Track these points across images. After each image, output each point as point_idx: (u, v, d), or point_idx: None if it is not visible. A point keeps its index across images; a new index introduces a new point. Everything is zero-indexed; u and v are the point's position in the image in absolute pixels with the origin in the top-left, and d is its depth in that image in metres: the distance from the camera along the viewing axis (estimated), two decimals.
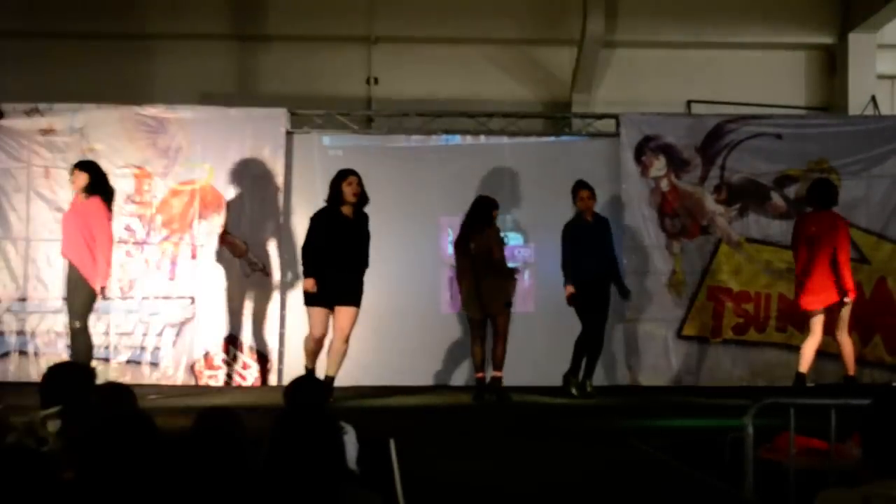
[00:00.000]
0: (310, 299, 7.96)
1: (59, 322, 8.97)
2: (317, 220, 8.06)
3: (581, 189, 8.63)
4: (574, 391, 8.54)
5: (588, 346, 8.60)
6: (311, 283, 7.91)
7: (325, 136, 9.68)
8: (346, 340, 7.97)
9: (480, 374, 8.53)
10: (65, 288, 8.14)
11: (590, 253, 8.51)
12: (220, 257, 9.18)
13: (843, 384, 8.34)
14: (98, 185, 7.81)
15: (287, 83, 10.88)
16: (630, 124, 9.51)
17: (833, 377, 9.21)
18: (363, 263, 8.09)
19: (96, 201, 7.74)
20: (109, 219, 7.88)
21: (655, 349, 9.33)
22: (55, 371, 4.28)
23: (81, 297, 7.73)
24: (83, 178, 7.77)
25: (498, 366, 8.44)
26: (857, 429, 2.67)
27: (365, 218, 8.12)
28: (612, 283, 8.70)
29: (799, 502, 4.72)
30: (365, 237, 8.09)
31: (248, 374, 9.05)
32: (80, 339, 7.74)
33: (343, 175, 8.00)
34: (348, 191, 7.91)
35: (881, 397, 2.60)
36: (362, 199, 8.05)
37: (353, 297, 7.98)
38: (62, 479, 2.98)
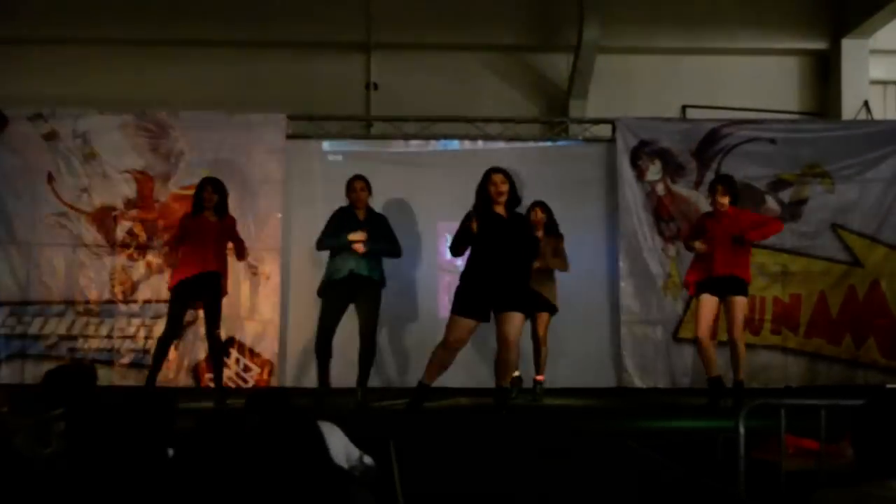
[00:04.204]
0: (463, 309, 7.47)
1: (62, 325, 9.10)
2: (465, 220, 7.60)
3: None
4: None
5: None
6: None
7: (325, 142, 9.73)
8: (513, 349, 7.54)
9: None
10: (205, 297, 8.27)
11: None
12: None
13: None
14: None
15: (287, 89, 10.91)
16: (626, 129, 9.55)
17: (825, 379, 9.31)
18: (524, 265, 7.65)
19: (233, 218, 8.42)
20: None
21: (651, 351, 9.39)
22: (56, 373, 4.36)
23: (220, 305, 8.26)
24: (216, 197, 8.20)
25: None
26: (850, 429, 2.71)
27: (519, 220, 7.72)
28: None
29: (790, 502, 4.75)
30: (518, 237, 7.57)
31: (249, 376, 9.12)
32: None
33: (487, 175, 7.60)
34: (492, 190, 7.52)
35: (874, 398, 2.65)
36: (512, 200, 7.62)
37: (518, 302, 7.53)
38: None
